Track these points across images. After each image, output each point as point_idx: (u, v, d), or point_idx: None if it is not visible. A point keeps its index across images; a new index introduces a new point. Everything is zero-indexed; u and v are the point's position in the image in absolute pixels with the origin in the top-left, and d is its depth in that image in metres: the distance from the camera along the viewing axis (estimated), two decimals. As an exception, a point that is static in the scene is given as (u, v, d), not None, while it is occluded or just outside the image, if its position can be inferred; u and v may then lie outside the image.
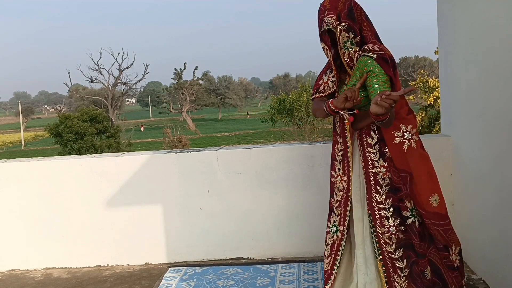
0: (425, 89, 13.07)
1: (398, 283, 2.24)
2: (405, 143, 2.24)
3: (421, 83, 13.27)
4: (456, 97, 3.34)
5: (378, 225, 2.25)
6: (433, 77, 15.18)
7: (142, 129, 49.19)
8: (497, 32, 2.62)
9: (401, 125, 2.25)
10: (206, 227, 3.64)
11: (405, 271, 2.24)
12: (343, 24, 2.19)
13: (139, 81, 44.96)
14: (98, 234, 3.69)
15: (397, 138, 2.24)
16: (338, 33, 2.19)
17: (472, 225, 3.17)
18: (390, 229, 2.23)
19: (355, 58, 2.25)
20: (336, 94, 2.40)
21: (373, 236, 2.26)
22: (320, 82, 2.45)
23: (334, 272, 2.42)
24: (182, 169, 3.61)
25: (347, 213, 2.36)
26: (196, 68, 50.22)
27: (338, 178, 2.39)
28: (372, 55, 2.17)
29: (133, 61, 64.11)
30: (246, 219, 3.61)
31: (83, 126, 22.54)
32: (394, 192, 2.25)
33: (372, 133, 2.27)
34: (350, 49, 2.24)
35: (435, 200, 2.27)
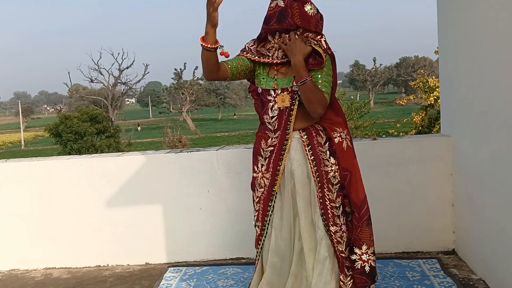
0: (425, 89, 13.05)
1: (343, 282, 2.31)
2: (344, 142, 2.33)
3: (421, 83, 13.26)
4: (456, 97, 3.34)
5: (331, 224, 2.28)
6: (433, 77, 15.17)
7: (139, 128, 49.11)
8: (497, 32, 2.62)
9: (335, 127, 2.33)
10: (206, 227, 3.64)
11: (350, 271, 2.32)
12: (323, 40, 2.27)
13: (139, 81, 45.06)
14: (98, 234, 3.69)
15: (337, 138, 2.31)
16: (323, 53, 2.23)
17: (472, 225, 3.17)
18: (342, 227, 2.29)
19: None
20: (274, 92, 2.32)
21: (327, 235, 2.28)
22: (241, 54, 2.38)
23: (256, 263, 2.48)
24: (182, 169, 3.61)
25: (268, 210, 2.36)
26: (196, 68, 50.19)
27: (260, 174, 2.38)
28: (328, 52, 2.25)
29: (133, 61, 63.97)
30: (246, 219, 3.59)
31: (83, 126, 22.54)
32: (341, 189, 2.30)
33: (320, 132, 2.31)
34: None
35: (363, 197, 2.36)
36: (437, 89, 11.62)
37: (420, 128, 12.95)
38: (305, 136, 2.31)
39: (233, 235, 3.61)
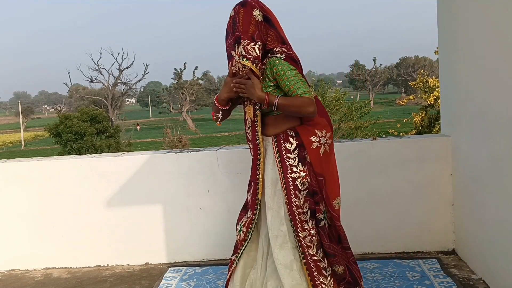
0: (425, 89, 13.05)
1: (324, 283, 2.32)
2: (321, 148, 2.33)
3: (421, 83, 13.25)
4: (456, 97, 3.34)
5: (300, 229, 2.31)
6: (433, 77, 15.16)
7: (138, 128, 49.13)
8: (497, 32, 2.62)
9: (316, 131, 2.33)
10: (206, 227, 3.64)
11: (329, 270, 2.35)
12: (256, 45, 2.25)
13: (139, 81, 45.04)
14: (98, 234, 3.69)
15: (315, 143, 2.32)
16: (251, 63, 2.25)
17: (472, 225, 3.17)
18: (311, 231, 2.31)
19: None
20: (246, 103, 2.41)
21: (296, 240, 2.32)
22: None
23: (232, 267, 2.54)
24: (182, 169, 3.61)
25: (253, 219, 2.42)
26: (196, 68, 50.30)
27: (252, 182, 2.46)
28: (280, 56, 2.27)
29: (133, 61, 64.04)
30: (246, 219, 3.60)
31: (83, 126, 22.52)
32: (311, 195, 2.32)
33: (290, 139, 2.32)
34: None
35: (338, 203, 2.39)
36: (437, 89, 11.62)
37: (420, 128, 12.94)
38: (275, 143, 2.34)
39: (233, 235, 3.59)
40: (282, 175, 2.31)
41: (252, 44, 2.24)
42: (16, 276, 3.68)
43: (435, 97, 11.63)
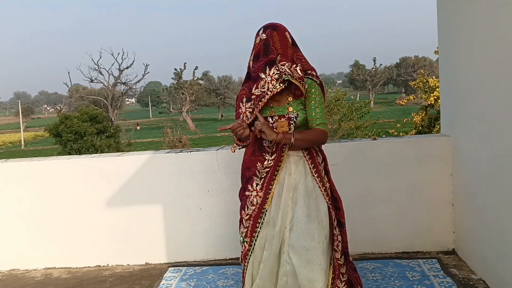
0: (425, 89, 13.03)
1: (339, 287, 2.45)
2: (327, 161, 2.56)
3: (421, 83, 13.23)
4: (456, 97, 3.34)
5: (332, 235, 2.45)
6: (433, 77, 15.15)
7: (138, 128, 49.16)
8: (497, 32, 2.62)
9: (323, 147, 2.56)
10: (206, 227, 3.64)
11: (345, 277, 2.49)
12: (298, 67, 2.39)
13: (139, 81, 44.95)
14: (98, 234, 3.69)
15: (327, 157, 2.55)
16: (298, 83, 2.37)
17: (472, 225, 3.17)
18: (338, 237, 2.48)
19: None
20: (271, 119, 2.47)
21: (329, 245, 2.43)
22: (240, 111, 2.54)
23: (244, 276, 2.56)
24: (182, 169, 3.61)
25: (257, 227, 2.47)
26: (196, 68, 50.25)
27: (254, 193, 2.48)
28: (316, 80, 2.46)
29: (133, 61, 63.92)
30: (246, 219, 3.60)
31: (83, 126, 22.51)
32: (334, 203, 2.50)
33: (319, 153, 2.51)
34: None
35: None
36: (437, 89, 11.61)
37: (420, 128, 12.93)
38: (308, 156, 2.47)
39: (233, 235, 3.60)
40: (321, 183, 2.45)
41: (294, 66, 2.38)
42: (16, 276, 3.68)
43: (435, 97, 11.62)
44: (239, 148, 2.52)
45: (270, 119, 2.45)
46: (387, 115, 40.42)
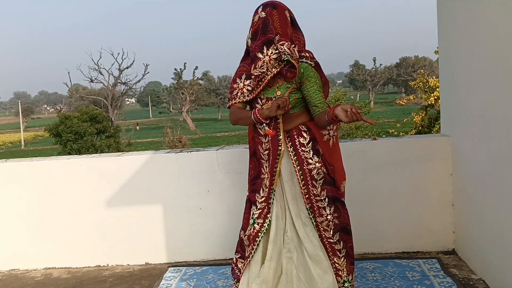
0: (425, 89, 13.04)
1: (338, 263, 2.50)
2: (330, 140, 2.52)
3: (421, 83, 13.24)
4: (456, 97, 3.34)
5: (317, 215, 2.48)
6: (433, 77, 15.15)
7: (137, 127, 49.19)
8: (497, 32, 2.62)
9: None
10: (206, 227, 3.64)
11: (343, 252, 2.51)
12: (296, 48, 2.36)
13: (139, 81, 45.03)
14: (98, 234, 3.69)
15: (325, 136, 2.50)
16: (294, 61, 2.34)
17: (472, 225, 3.17)
18: (327, 217, 2.48)
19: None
20: (261, 101, 2.48)
21: (313, 225, 2.50)
22: (235, 86, 2.53)
23: (248, 260, 2.60)
24: (182, 169, 3.61)
25: (270, 208, 2.54)
26: (196, 68, 50.30)
27: (266, 175, 2.54)
28: (310, 62, 2.43)
29: (133, 61, 63.99)
30: (246, 219, 3.60)
31: (83, 126, 22.52)
32: (328, 183, 2.48)
33: (303, 133, 2.47)
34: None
35: (343, 186, 2.60)
36: (437, 89, 11.62)
37: (420, 128, 12.94)
38: (288, 138, 2.47)
39: (233, 235, 3.60)
40: (298, 167, 2.46)
41: (293, 46, 2.36)
42: (16, 276, 3.68)
43: (435, 97, 11.63)
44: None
45: (260, 101, 2.46)
46: (387, 115, 40.44)
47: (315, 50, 2.54)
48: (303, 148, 2.45)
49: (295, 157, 2.45)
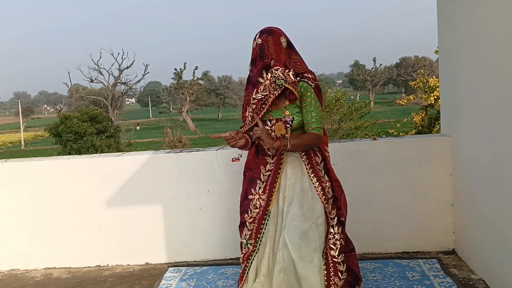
0: (425, 89, 13.04)
1: (337, 285, 2.49)
2: (330, 160, 2.60)
3: (421, 83, 13.24)
4: (456, 97, 3.34)
5: (327, 233, 2.51)
6: (433, 77, 15.15)
7: (138, 127, 49.21)
8: (497, 32, 2.62)
9: (326, 147, 2.59)
10: (206, 227, 3.64)
11: (344, 275, 2.52)
12: (291, 72, 2.41)
13: (139, 81, 44.96)
14: (98, 234, 3.69)
15: (329, 156, 2.59)
16: (292, 87, 2.39)
17: (472, 225, 3.17)
18: (335, 236, 2.50)
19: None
20: (270, 122, 2.51)
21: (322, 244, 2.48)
22: (246, 114, 2.58)
23: (244, 276, 2.61)
24: (182, 169, 3.61)
25: (261, 229, 2.54)
26: (196, 68, 50.31)
27: (257, 196, 2.55)
28: (311, 84, 2.46)
29: (133, 61, 63.90)
30: (246, 219, 3.60)
31: (83, 126, 22.52)
32: (335, 202, 2.54)
33: (317, 153, 2.54)
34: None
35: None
36: (437, 89, 11.62)
37: (420, 128, 12.94)
38: (305, 156, 2.51)
39: (233, 235, 3.60)
40: (317, 183, 2.49)
41: (287, 71, 2.41)
42: (16, 276, 3.68)
43: (435, 97, 11.63)
44: (240, 157, 2.57)
45: (269, 122, 2.51)
46: (387, 115, 40.43)
47: (315, 50, 2.60)
48: (318, 167, 2.52)
49: (313, 174, 2.50)
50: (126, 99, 61.34)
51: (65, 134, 22.47)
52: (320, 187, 2.49)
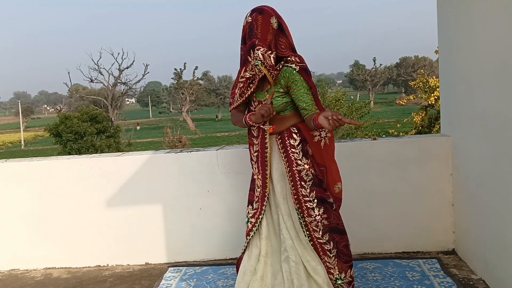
0: (425, 89, 13.05)
1: (329, 262, 2.56)
2: (322, 141, 2.57)
3: (421, 83, 13.24)
4: (456, 97, 3.34)
5: (306, 215, 2.53)
6: (433, 77, 15.16)
7: (138, 127, 49.24)
8: (497, 32, 2.62)
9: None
10: (206, 227, 3.64)
11: (333, 252, 2.56)
12: (272, 55, 2.38)
13: (139, 81, 45.05)
14: (98, 234, 3.69)
15: (316, 137, 2.56)
16: (267, 71, 2.38)
17: (472, 225, 3.17)
18: (316, 218, 2.52)
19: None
20: (253, 103, 2.56)
21: (302, 225, 2.54)
22: (236, 90, 2.59)
23: (246, 249, 2.73)
24: (182, 169, 3.61)
25: (263, 208, 2.61)
26: (196, 68, 50.32)
27: (257, 176, 2.63)
28: (295, 67, 2.44)
29: (133, 61, 64.00)
30: (246, 219, 3.60)
31: (83, 126, 22.53)
32: (317, 185, 2.53)
33: (294, 135, 2.53)
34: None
35: (338, 187, 2.65)
36: (437, 89, 11.62)
37: (420, 128, 12.96)
38: (280, 140, 2.54)
39: (233, 235, 3.61)
40: (288, 168, 2.51)
41: (269, 52, 2.38)
42: (16, 276, 3.68)
43: (435, 97, 11.64)
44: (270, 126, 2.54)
45: (253, 104, 2.54)
46: (387, 115, 40.46)
47: (315, 50, 2.60)
48: (293, 150, 2.51)
49: (286, 159, 2.52)
50: (126, 99, 61.38)
51: (65, 134, 22.48)
52: (290, 172, 2.50)
